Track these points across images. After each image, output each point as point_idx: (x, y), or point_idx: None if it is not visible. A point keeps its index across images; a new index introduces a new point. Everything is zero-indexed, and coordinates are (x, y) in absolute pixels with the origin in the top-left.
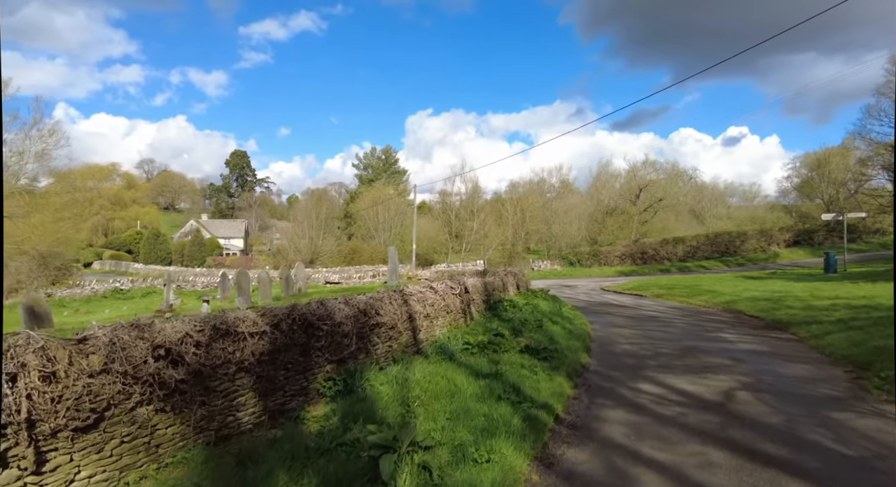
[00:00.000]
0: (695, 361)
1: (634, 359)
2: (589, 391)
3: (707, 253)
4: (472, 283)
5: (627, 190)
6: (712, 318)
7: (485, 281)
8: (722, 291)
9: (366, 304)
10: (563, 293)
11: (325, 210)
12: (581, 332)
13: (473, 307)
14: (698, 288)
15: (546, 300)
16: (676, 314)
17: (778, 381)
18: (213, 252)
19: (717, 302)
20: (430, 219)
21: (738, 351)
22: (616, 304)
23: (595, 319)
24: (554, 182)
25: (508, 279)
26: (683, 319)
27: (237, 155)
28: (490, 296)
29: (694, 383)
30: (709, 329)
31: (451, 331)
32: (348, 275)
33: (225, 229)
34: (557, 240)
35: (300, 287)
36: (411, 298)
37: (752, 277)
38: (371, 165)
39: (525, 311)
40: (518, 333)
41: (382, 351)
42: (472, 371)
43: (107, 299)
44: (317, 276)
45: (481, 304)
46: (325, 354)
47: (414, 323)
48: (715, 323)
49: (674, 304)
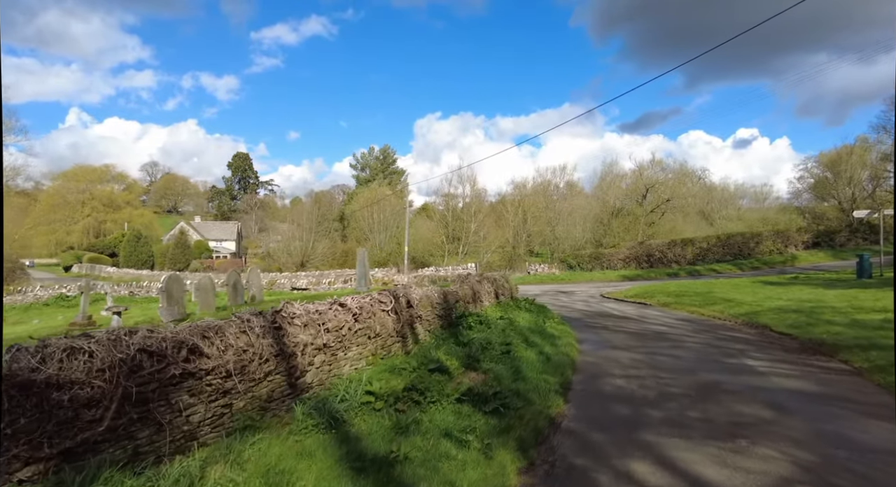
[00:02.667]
0: (719, 411)
1: (630, 408)
2: (549, 481)
3: (719, 256)
4: (421, 295)
5: (634, 190)
6: (732, 335)
7: (444, 292)
8: (740, 300)
9: (172, 340)
10: (557, 301)
11: (319, 212)
12: (562, 359)
13: (421, 326)
14: (712, 295)
15: (529, 312)
16: (687, 329)
17: (863, 462)
18: (202, 254)
19: (736, 314)
20: (430, 220)
21: (778, 390)
22: (616, 315)
23: (587, 336)
24: (558, 182)
25: (483, 287)
26: (697, 336)
27: (239, 157)
28: (451, 310)
29: (724, 463)
30: (730, 351)
31: (376, 365)
32: (317, 280)
33: (217, 231)
34: (561, 242)
35: (253, 294)
36: (294, 321)
37: (771, 283)
38: (369, 165)
39: (495, 329)
40: (472, 364)
41: (203, 419)
42: (348, 455)
43: (48, 307)
44: (283, 281)
45: (435, 322)
46: (22, 444)
47: (292, 361)
48: (736, 342)
49: (684, 315)
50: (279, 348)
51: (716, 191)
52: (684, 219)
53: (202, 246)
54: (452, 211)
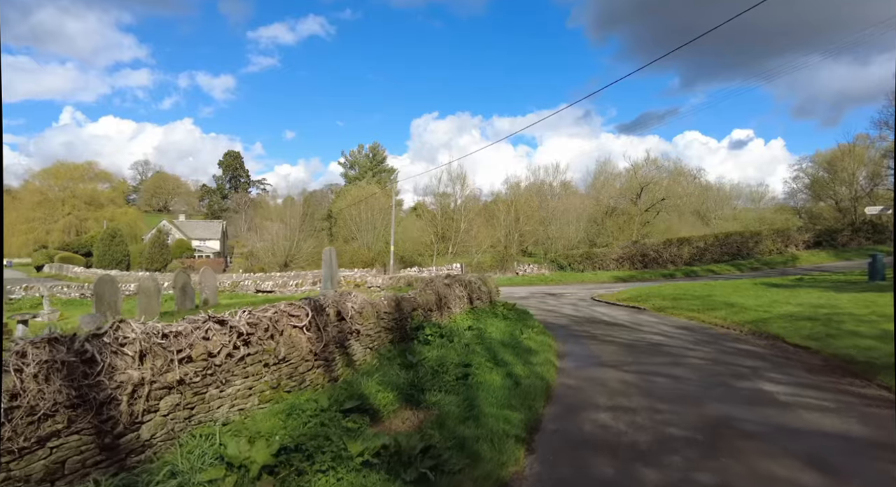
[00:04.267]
0: (740, 471)
1: (616, 464)
2: None
3: (716, 256)
4: (362, 304)
5: (628, 189)
6: (740, 348)
7: (397, 299)
8: (743, 304)
9: None
10: (543, 304)
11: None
12: (534, 384)
13: (359, 344)
14: (712, 299)
15: (506, 320)
16: (687, 339)
17: None
18: (183, 254)
19: (741, 321)
20: (420, 220)
21: (814, 434)
22: (607, 322)
23: (571, 349)
24: (552, 181)
25: (453, 291)
26: (699, 349)
27: (230, 155)
28: (405, 321)
29: None
30: (741, 371)
31: (277, 403)
32: (285, 282)
33: (201, 230)
34: (554, 242)
35: (206, 298)
36: (123, 350)
37: (775, 285)
38: (358, 163)
39: (457, 344)
40: (414, 396)
41: None
42: None
43: None
44: (247, 283)
45: (382, 337)
46: None
47: (109, 410)
48: (746, 356)
49: (682, 322)
50: (83, 392)
51: (711, 191)
52: (679, 219)
53: (184, 246)
54: (442, 209)
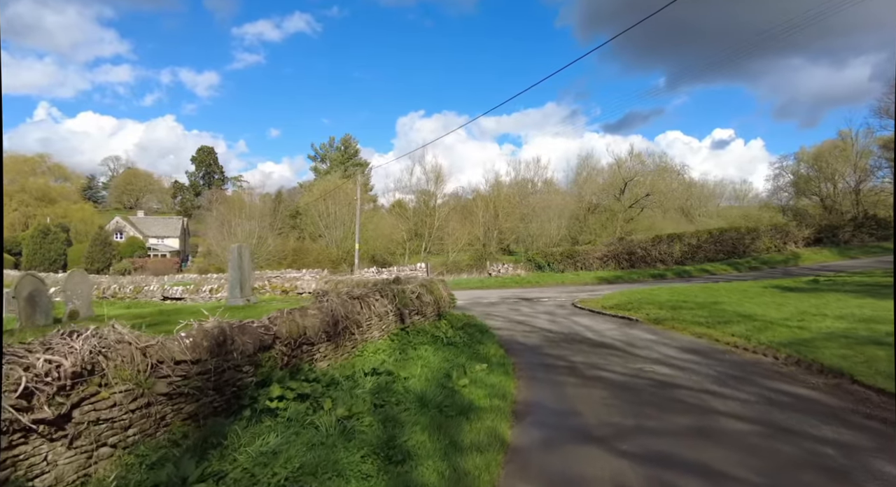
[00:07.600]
0: None
1: None
2: None
3: (710, 255)
4: (88, 357)
5: (612, 185)
6: (791, 393)
7: (221, 334)
8: (764, 316)
9: None
10: (514, 314)
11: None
12: None
13: (114, 451)
14: (720, 308)
15: (449, 347)
16: (706, 373)
17: None
18: (135, 253)
19: (770, 342)
20: (391, 215)
21: None
22: (591, 341)
23: (538, 397)
24: (533, 177)
25: (371, 305)
26: (730, 396)
27: (203, 151)
28: (237, 378)
29: None
30: (821, 452)
31: None
32: (196, 288)
33: (159, 228)
34: (535, 239)
35: (74, 309)
36: None
37: (788, 288)
38: (329, 157)
39: (326, 415)
40: None
41: None
42: None
43: None
44: (153, 288)
45: (172, 419)
46: None
47: None
48: (811, 414)
49: (690, 342)
50: None
51: (695, 188)
52: (664, 216)
53: (136, 244)
54: (417, 204)
